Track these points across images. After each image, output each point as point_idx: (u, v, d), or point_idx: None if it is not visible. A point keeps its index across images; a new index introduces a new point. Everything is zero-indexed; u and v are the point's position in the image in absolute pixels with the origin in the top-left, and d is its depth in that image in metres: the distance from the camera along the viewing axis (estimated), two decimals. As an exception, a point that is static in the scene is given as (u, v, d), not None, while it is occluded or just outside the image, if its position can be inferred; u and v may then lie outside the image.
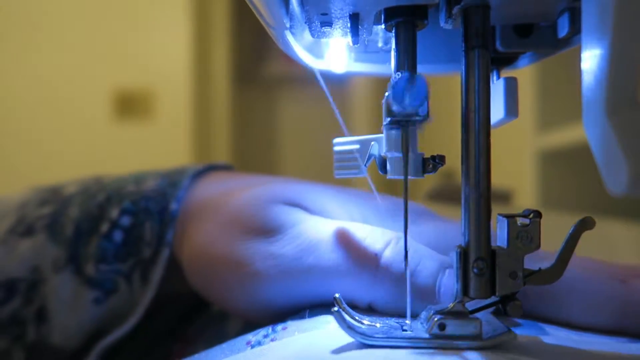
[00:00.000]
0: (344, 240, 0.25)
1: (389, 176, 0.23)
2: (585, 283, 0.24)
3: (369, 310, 0.25)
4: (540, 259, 0.23)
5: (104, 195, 0.33)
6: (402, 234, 0.24)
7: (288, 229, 0.26)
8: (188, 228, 0.30)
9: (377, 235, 0.25)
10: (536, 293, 0.24)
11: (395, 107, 0.19)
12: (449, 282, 0.23)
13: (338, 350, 0.20)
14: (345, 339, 0.21)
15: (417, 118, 0.20)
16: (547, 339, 0.22)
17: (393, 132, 0.21)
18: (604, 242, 0.56)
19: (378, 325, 0.21)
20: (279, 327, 0.24)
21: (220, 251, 0.28)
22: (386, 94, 0.20)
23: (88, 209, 0.33)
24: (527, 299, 0.24)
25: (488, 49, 0.21)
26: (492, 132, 0.21)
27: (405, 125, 0.21)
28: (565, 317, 0.24)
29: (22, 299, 0.32)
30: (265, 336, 0.24)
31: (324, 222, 0.26)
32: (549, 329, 0.24)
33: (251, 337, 0.24)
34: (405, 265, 0.22)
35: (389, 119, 0.21)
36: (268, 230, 0.27)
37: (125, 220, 0.32)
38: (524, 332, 0.23)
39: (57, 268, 0.32)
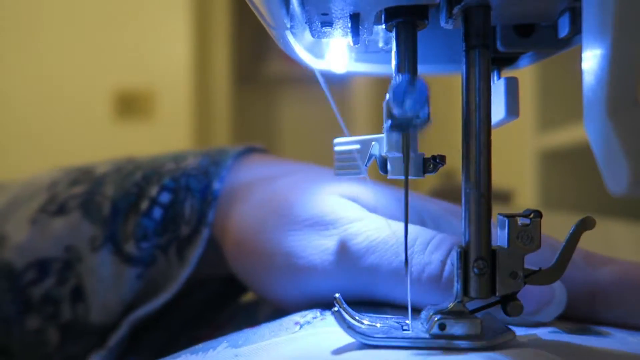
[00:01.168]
0: (408, 244, 0.24)
1: (389, 176, 0.22)
2: None
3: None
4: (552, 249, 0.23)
5: (141, 174, 0.33)
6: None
7: (346, 224, 0.26)
8: (232, 210, 0.30)
9: (439, 241, 0.24)
10: (602, 299, 0.24)
11: (395, 111, 0.19)
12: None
13: (338, 351, 0.20)
14: (347, 338, 0.21)
15: (418, 121, 0.20)
16: (600, 341, 0.22)
17: (394, 133, 0.21)
18: (604, 242, 0.56)
19: (378, 325, 0.21)
20: (327, 312, 0.24)
21: (269, 239, 0.27)
22: (387, 96, 0.20)
23: (124, 188, 0.32)
24: (594, 305, 0.24)
25: (488, 49, 0.21)
26: (493, 132, 0.21)
27: (405, 128, 0.21)
28: (632, 321, 0.24)
29: (56, 279, 0.32)
30: (315, 318, 0.23)
31: (385, 222, 0.25)
32: (609, 330, 0.24)
33: (299, 318, 0.24)
34: (406, 265, 0.22)
35: (389, 121, 0.21)
36: (324, 223, 0.26)
37: (165, 197, 0.31)
38: (580, 334, 0.23)
39: (95, 247, 0.32)
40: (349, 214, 0.26)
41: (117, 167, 0.34)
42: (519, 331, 0.22)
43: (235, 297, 0.38)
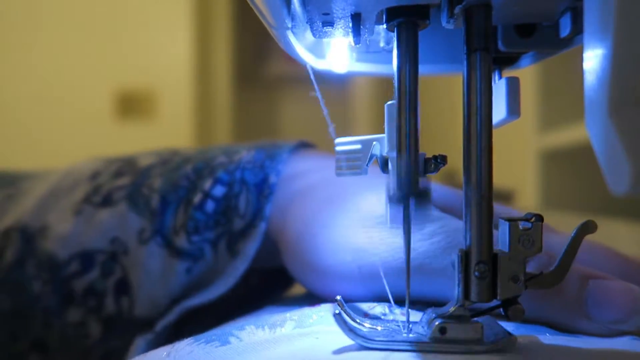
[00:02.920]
0: None
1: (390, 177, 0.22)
2: None
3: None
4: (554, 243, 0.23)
5: (191, 167, 0.32)
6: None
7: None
8: (290, 205, 0.29)
9: None
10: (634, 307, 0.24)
11: (399, 209, 0.20)
12: None
13: (339, 352, 0.20)
14: (348, 341, 0.21)
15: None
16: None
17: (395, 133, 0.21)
18: (606, 243, 0.56)
19: (379, 328, 0.21)
20: (396, 307, 0.24)
21: (335, 235, 0.26)
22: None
23: (173, 180, 0.32)
24: None
25: (490, 51, 0.21)
26: (494, 132, 0.21)
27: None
28: None
29: (100, 271, 0.32)
30: (384, 314, 0.23)
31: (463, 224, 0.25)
32: None
33: (367, 308, 0.24)
34: (407, 265, 0.22)
35: (391, 196, 0.21)
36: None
37: (219, 191, 0.31)
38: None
39: (143, 240, 0.31)
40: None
41: (162, 160, 0.34)
42: (599, 339, 0.22)
43: (280, 289, 0.37)
